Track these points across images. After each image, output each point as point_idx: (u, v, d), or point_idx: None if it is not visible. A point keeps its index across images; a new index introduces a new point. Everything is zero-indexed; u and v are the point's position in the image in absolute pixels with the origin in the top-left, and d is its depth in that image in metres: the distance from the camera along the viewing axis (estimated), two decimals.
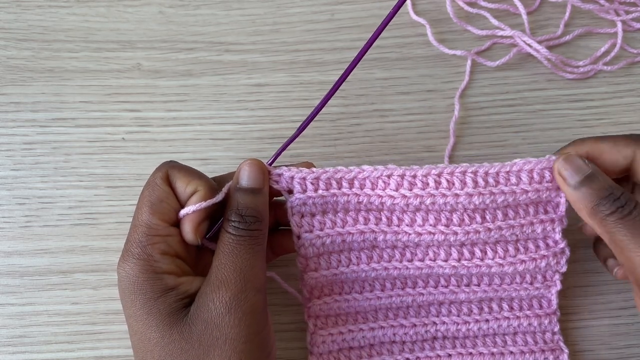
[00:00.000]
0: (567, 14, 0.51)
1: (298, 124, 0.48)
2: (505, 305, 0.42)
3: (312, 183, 0.39)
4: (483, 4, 0.51)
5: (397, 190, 0.39)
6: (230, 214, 0.36)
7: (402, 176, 0.39)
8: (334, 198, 0.39)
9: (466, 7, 0.51)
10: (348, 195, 0.39)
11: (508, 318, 0.42)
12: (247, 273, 0.35)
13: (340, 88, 0.49)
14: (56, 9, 0.51)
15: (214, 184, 0.38)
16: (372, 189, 0.39)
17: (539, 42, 0.50)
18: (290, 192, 0.39)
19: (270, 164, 0.40)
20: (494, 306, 0.42)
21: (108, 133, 0.48)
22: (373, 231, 0.40)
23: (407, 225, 0.39)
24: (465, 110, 0.49)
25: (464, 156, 0.48)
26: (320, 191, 0.39)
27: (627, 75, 0.50)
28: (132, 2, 0.51)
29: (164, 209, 0.36)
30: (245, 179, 0.37)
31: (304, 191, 0.39)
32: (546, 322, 0.42)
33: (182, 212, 0.36)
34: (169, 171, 0.37)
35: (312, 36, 0.50)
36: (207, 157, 0.47)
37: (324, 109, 0.49)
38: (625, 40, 0.51)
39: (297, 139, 0.48)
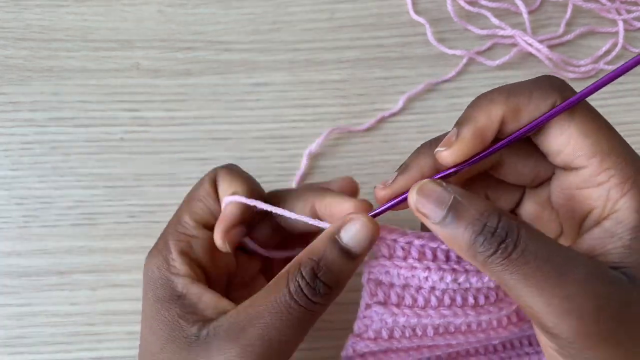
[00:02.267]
0: (569, 13, 0.51)
1: (298, 124, 0.48)
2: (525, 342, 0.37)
3: (402, 248, 0.30)
4: (484, 3, 0.51)
5: None
6: (305, 267, 0.29)
7: None
8: (425, 273, 0.30)
9: (467, 7, 0.51)
10: (444, 270, 0.30)
11: (528, 354, 0.37)
12: (276, 347, 0.29)
13: (340, 88, 0.49)
14: (55, 8, 0.51)
15: (258, 190, 0.34)
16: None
17: (540, 42, 0.49)
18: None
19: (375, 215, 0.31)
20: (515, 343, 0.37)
21: (107, 133, 0.48)
22: (456, 314, 0.31)
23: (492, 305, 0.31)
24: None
25: None
26: (410, 260, 0.30)
27: (628, 75, 0.49)
28: (131, 1, 0.51)
29: (198, 208, 0.34)
30: (351, 237, 0.29)
31: (390, 257, 0.30)
32: None
33: (224, 200, 0.33)
34: (218, 172, 0.34)
35: (311, 35, 0.50)
36: (206, 157, 0.47)
37: (323, 109, 0.49)
38: (627, 40, 0.50)
39: (296, 139, 0.48)
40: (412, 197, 0.28)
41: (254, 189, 0.34)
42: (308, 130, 0.48)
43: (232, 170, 0.35)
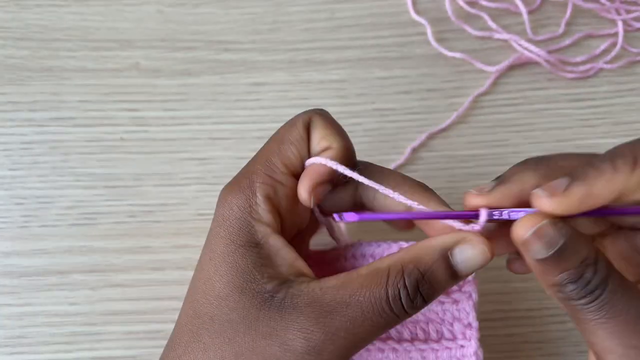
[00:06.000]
0: (568, 13, 0.51)
1: None
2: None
3: None
4: (484, 3, 0.51)
5: None
6: (410, 276, 0.28)
7: None
8: None
9: (466, 7, 0.51)
10: None
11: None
12: (357, 345, 0.28)
13: (340, 87, 0.49)
14: (54, 8, 0.51)
15: (352, 148, 0.32)
16: None
17: (540, 42, 0.49)
18: None
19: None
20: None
21: (106, 132, 0.48)
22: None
23: None
24: (466, 109, 0.49)
25: (465, 156, 0.47)
26: None
27: (628, 75, 0.50)
28: (131, 1, 0.51)
29: (290, 152, 0.31)
30: (464, 259, 0.28)
31: None
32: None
33: (309, 161, 0.31)
34: (313, 117, 0.32)
35: (311, 35, 0.50)
36: (206, 157, 0.47)
37: (324, 109, 0.48)
38: (626, 40, 0.50)
39: None
40: (522, 233, 0.27)
41: (348, 148, 0.32)
42: None
43: (327, 118, 0.32)
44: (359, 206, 0.33)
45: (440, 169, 0.47)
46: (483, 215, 0.29)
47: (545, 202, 0.27)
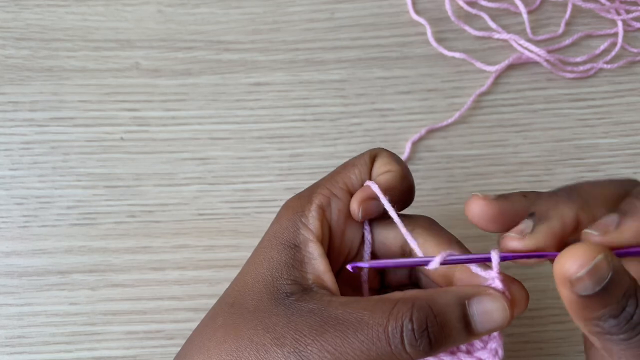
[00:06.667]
0: (568, 13, 0.51)
1: (297, 123, 0.48)
2: None
3: None
4: (483, 3, 0.51)
5: None
6: (419, 311, 0.26)
7: None
8: None
9: (466, 7, 0.51)
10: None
11: None
12: None
13: (340, 87, 0.49)
14: (55, 8, 0.51)
15: (410, 178, 0.33)
16: None
17: (540, 42, 0.49)
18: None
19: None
20: None
21: (106, 132, 0.48)
22: None
23: None
24: (466, 109, 0.49)
25: (465, 156, 0.48)
26: None
27: (628, 75, 0.50)
28: (131, 1, 0.51)
29: (352, 173, 0.33)
30: (481, 313, 0.27)
31: None
32: None
33: (366, 182, 0.33)
34: (380, 151, 0.34)
35: (311, 35, 0.50)
36: (206, 157, 0.47)
37: (323, 109, 0.49)
38: (626, 40, 0.50)
39: (296, 139, 0.48)
40: (574, 269, 0.24)
41: (405, 176, 0.33)
42: (308, 130, 0.48)
43: (392, 153, 0.34)
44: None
45: (440, 169, 0.47)
46: (495, 259, 0.27)
47: (599, 241, 0.26)
